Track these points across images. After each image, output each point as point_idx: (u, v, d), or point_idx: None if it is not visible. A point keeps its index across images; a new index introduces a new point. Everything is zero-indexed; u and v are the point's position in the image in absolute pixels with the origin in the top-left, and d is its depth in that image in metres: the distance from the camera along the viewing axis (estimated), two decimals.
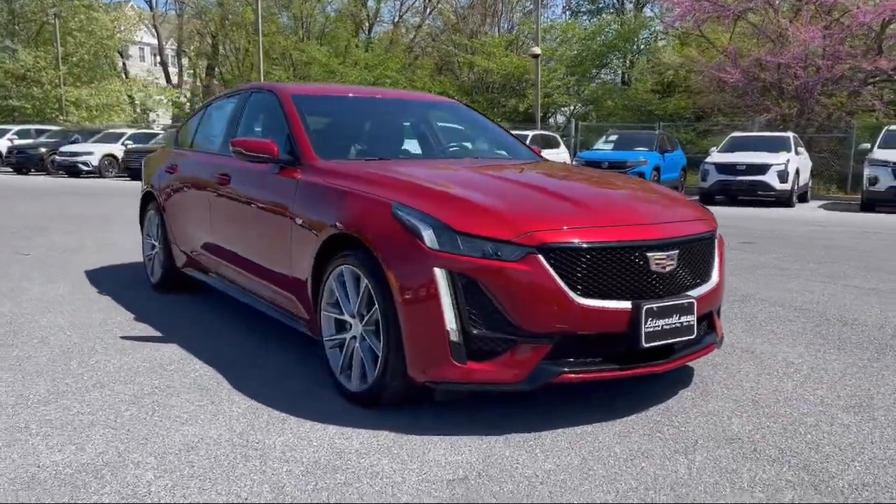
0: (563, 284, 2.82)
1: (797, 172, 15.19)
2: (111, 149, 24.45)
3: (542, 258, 2.81)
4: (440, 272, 2.83)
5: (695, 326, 3.10)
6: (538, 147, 12.38)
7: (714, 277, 3.35)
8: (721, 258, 3.48)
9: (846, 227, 11.21)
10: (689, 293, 3.12)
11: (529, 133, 18.74)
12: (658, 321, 2.95)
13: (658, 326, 2.95)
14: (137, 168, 22.55)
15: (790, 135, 16.52)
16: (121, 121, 37.97)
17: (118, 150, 24.37)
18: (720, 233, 3.59)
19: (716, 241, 3.45)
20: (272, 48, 37.26)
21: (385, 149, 4.40)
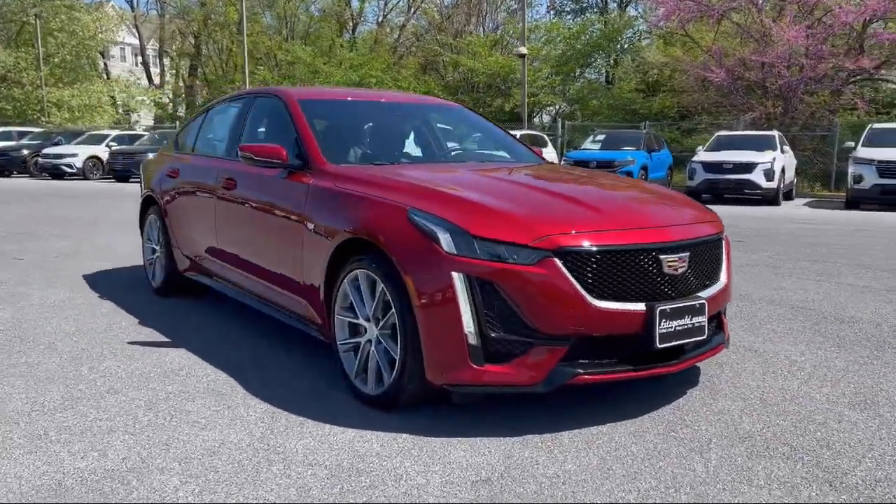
0: (580, 287, 2.87)
1: (783, 171, 15.35)
2: (95, 150, 24.30)
3: (559, 261, 2.86)
4: (458, 276, 2.86)
5: (706, 327, 3.15)
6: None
7: (722, 278, 3.41)
8: (728, 259, 3.55)
9: (833, 225, 11.36)
10: (700, 294, 3.18)
11: (517, 133, 18.76)
12: (671, 322, 3.00)
13: (671, 327, 3.01)
14: (122, 170, 22.50)
15: (775, 133, 16.69)
16: (103, 122, 37.66)
17: (102, 152, 24.23)
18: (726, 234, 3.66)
19: (723, 243, 3.51)
20: (256, 48, 37.17)
21: (392, 152, 4.44)
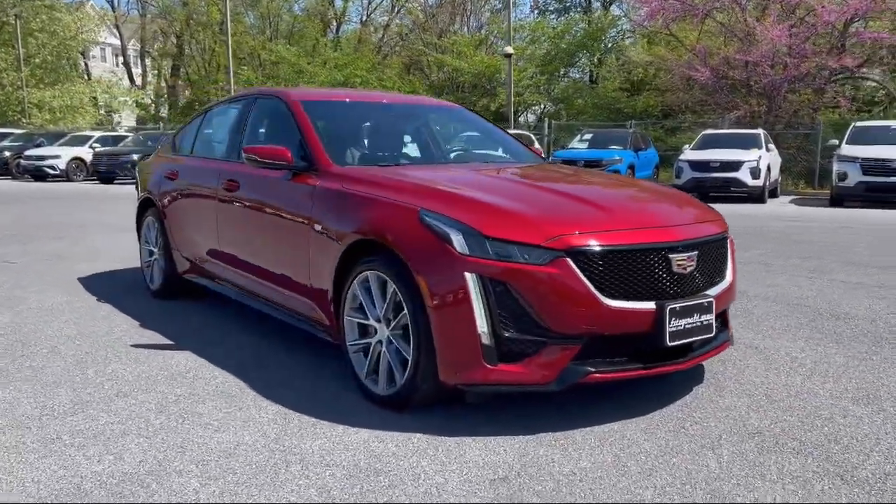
0: (592, 287, 2.90)
1: (768, 169, 15.51)
2: (79, 152, 24.09)
3: (571, 261, 2.88)
4: (471, 276, 2.88)
5: (713, 325, 3.20)
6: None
7: (728, 276, 3.45)
8: (733, 257, 3.59)
9: (819, 222, 11.49)
10: (708, 292, 3.22)
11: None
12: (681, 320, 3.04)
13: (681, 325, 3.04)
14: (106, 171, 22.32)
15: (760, 132, 16.86)
16: (85, 123, 37.33)
17: (86, 154, 24.03)
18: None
19: (728, 241, 3.56)
20: (240, 48, 36.99)
21: (394, 154, 4.46)
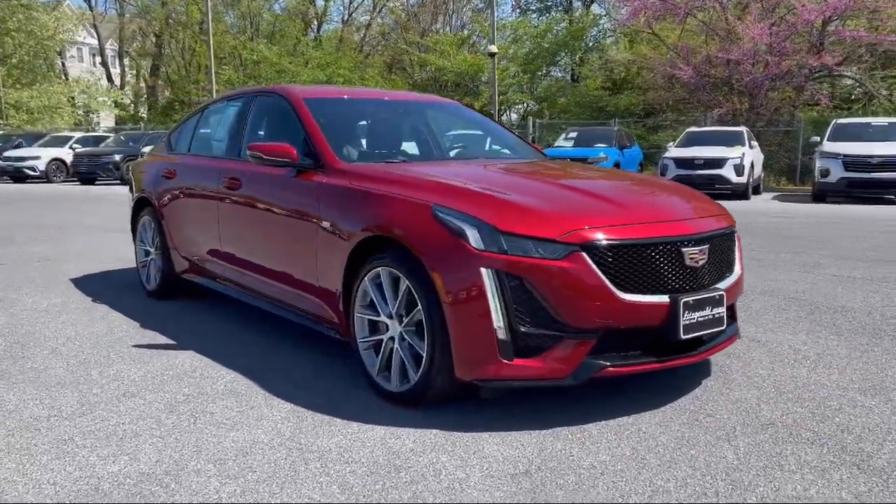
0: (607, 280, 2.90)
1: (751, 165, 15.65)
2: (59, 153, 23.84)
3: (586, 255, 2.89)
4: (486, 272, 2.88)
5: (724, 317, 3.22)
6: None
7: (737, 269, 3.48)
8: (740, 251, 3.62)
9: (804, 218, 11.62)
10: (718, 286, 3.25)
11: None
12: (693, 314, 3.06)
13: (693, 319, 3.06)
14: (87, 172, 22.09)
15: (743, 129, 17.01)
16: (63, 123, 36.91)
17: (66, 155, 23.76)
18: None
19: (735, 235, 3.58)
20: (220, 47, 36.77)
21: (398, 150, 4.44)
